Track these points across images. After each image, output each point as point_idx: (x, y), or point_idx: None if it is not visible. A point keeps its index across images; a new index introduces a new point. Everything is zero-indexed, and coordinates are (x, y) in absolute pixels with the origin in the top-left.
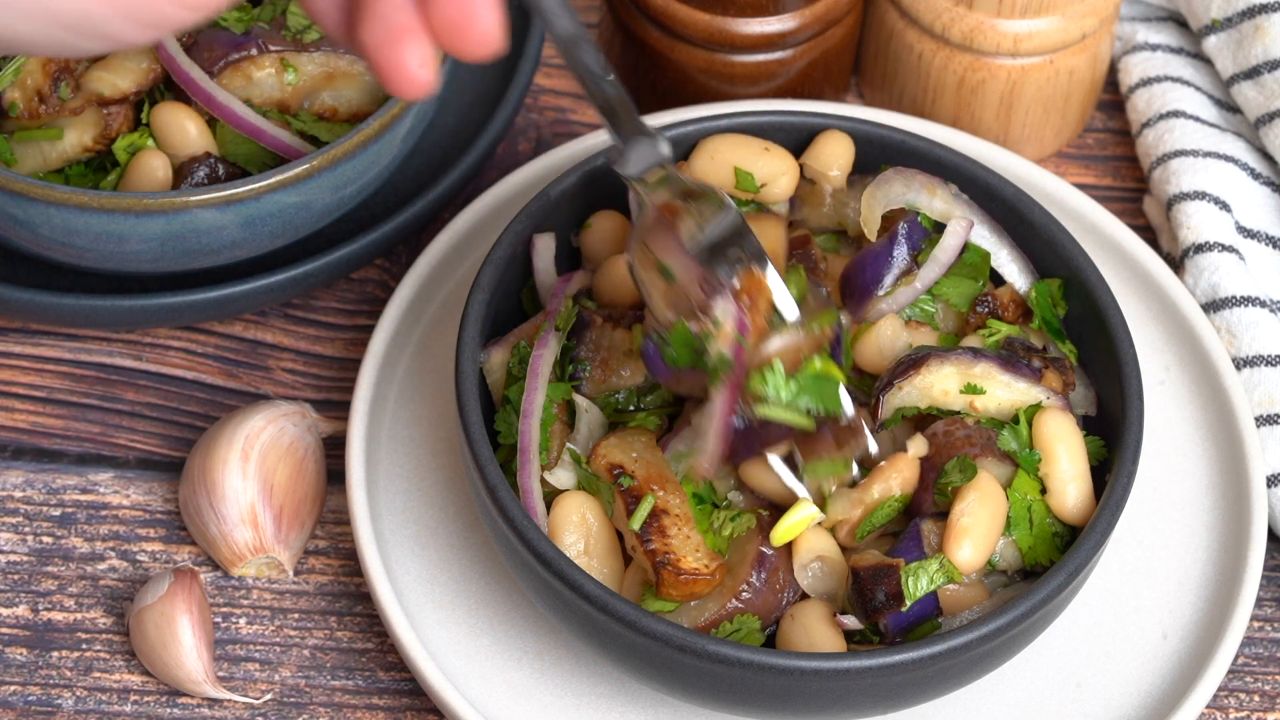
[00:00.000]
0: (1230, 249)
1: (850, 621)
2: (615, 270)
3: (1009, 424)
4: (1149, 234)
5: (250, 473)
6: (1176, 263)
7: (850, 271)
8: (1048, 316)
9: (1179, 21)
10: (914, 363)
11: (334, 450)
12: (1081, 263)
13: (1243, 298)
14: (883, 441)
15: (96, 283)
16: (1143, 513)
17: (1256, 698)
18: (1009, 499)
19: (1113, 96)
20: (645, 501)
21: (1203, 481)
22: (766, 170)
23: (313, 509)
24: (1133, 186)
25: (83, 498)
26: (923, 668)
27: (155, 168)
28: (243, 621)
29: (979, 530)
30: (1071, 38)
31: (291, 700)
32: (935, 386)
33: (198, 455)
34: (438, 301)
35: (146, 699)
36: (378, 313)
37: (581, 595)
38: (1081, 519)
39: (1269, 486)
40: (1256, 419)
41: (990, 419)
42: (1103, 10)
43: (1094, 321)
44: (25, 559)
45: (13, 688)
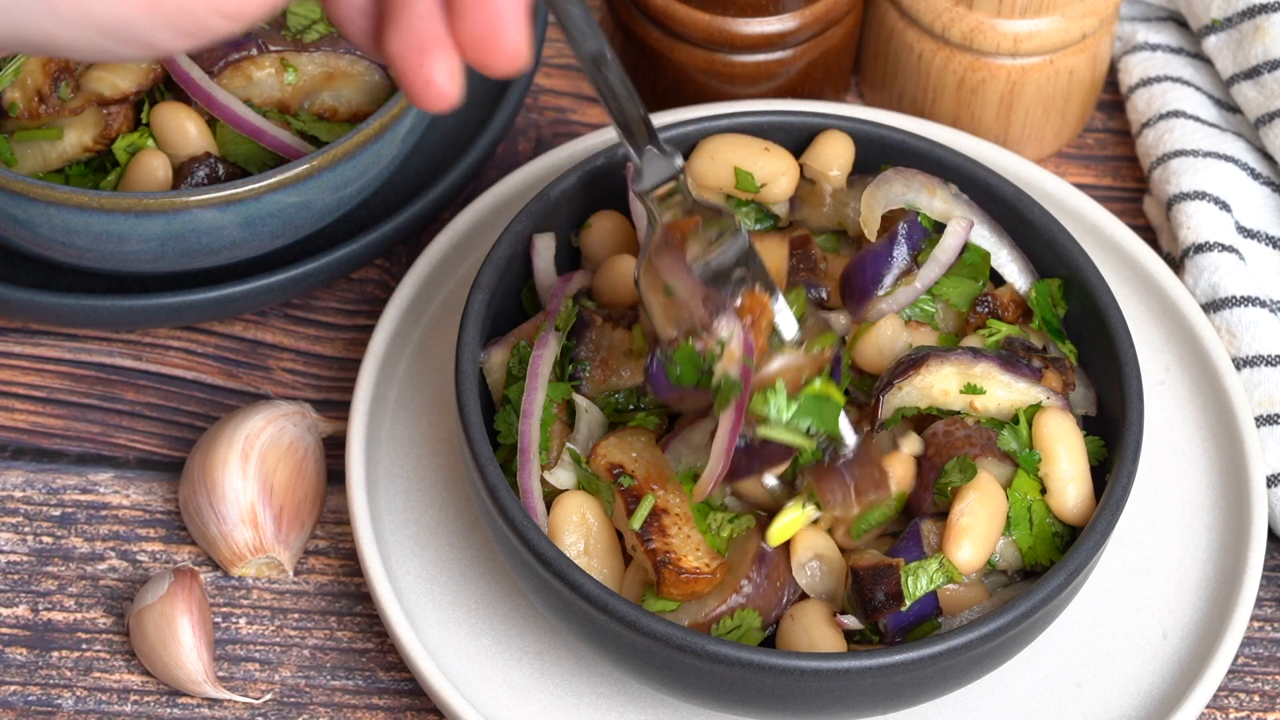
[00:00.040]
0: (1230, 249)
1: (850, 621)
2: (615, 270)
3: (1009, 424)
4: (1149, 234)
5: (250, 473)
6: (1176, 263)
7: (850, 271)
8: (1048, 316)
9: (1179, 21)
10: (914, 363)
11: (334, 450)
12: (1081, 263)
13: (1243, 298)
14: (882, 441)
15: (96, 283)
16: (1143, 513)
17: (1256, 698)
18: (1009, 499)
19: (1113, 96)
20: (645, 501)
21: (1203, 481)
22: (766, 170)
23: (313, 509)
24: (1133, 186)
25: (83, 498)
26: (923, 668)
27: (155, 168)
28: (243, 621)
29: (979, 530)
30: (1071, 38)
31: (291, 700)
32: (935, 386)
33: (198, 455)
34: (438, 301)
35: (146, 699)
36: (378, 313)
37: (581, 595)
38: (1081, 519)
39: (1269, 486)
40: (1256, 419)
41: (990, 419)
42: (1103, 10)
43: (1094, 321)
44: (25, 559)
45: (13, 688)
